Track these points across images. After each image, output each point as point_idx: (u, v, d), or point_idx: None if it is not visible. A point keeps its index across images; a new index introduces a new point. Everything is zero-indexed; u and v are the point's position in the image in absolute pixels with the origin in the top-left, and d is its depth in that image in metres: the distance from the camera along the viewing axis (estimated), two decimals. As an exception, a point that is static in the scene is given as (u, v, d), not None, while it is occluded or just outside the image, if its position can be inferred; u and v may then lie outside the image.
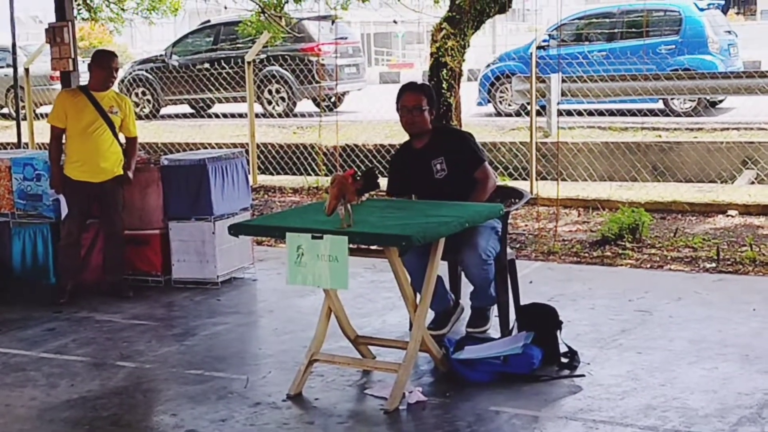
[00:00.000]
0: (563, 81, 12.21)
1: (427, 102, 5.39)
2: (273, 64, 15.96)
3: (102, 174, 6.56)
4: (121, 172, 6.63)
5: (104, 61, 6.62)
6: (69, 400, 4.72)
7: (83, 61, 10.36)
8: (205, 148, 11.62)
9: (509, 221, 5.83)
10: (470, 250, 5.09)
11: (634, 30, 14.71)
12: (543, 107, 12.00)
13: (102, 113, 6.52)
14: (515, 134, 12.05)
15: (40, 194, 6.99)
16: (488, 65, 15.86)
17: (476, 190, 5.31)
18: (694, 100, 13.50)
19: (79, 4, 11.36)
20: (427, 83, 5.95)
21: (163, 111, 17.44)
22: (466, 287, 5.51)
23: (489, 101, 15.19)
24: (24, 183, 7.03)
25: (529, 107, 10.44)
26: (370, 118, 13.92)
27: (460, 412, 4.38)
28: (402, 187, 5.56)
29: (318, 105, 15.42)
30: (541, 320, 5.02)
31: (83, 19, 12.07)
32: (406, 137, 5.67)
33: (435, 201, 5.26)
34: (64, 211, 6.74)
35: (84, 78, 10.13)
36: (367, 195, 4.58)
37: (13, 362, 5.35)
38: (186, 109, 17.42)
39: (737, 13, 39.45)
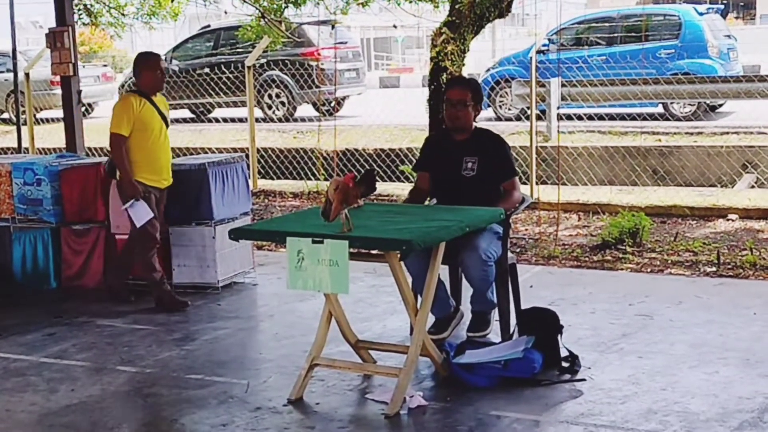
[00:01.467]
0: (563, 85, 12.22)
1: (471, 98, 5.42)
2: (273, 69, 15.97)
3: (168, 180, 6.54)
4: None
5: (153, 63, 6.48)
6: (69, 405, 4.72)
7: (83, 66, 10.38)
8: (206, 152, 11.63)
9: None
10: (471, 252, 5.09)
11: (633, 34, 14.72)
12: (543, 111, 12.01)
13: (163, 118, 6.47)
14: (515, 138, 12.05)
15: (41, 199, 6.99)
16: (488, 70, 15.87)
17: (503, 200, 5.32)
18: (694, 104, 13.51)
19: (79, 9, 11.38)
20: (475, 79, 5.96)
21: (163, 116, 17.42)
22: (467, 292, 5.51)
23: (489, 105, 15.18)
24: (24, 188, 7.04)
25: (529, 111, 10.45)
26: (370, 122, 13.93)
27: (461, 416, 4.37)
28: (430, 167, 5.58)
29: (318, 109, 15.44)
30: (542, 324, 5.02)
31: (83, 24, 12.08)
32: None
33: (436, 206, 5.27)
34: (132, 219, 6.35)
35: (84, 83, 10.15)
36: (363, 199, 4.57)
37: (13, 367, 5.35)
38: (186, 113, 17.42)
39: (736, 18, 39.51)
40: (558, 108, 12.00)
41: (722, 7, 17.85)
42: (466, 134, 5.47)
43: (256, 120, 12.17)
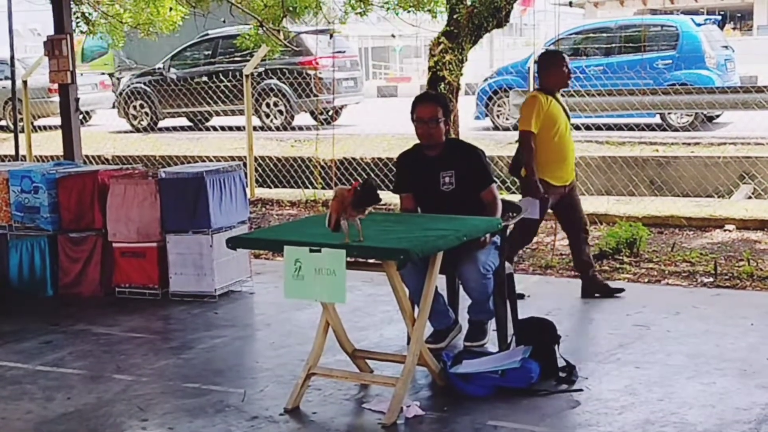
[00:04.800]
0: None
1: (442, 113, 5.36)
2: (271, 78, 15.98)
3: (571, 176, 6.50)
4: None
5: (560, 61, 6.48)
6: (65, 413, 4.71)
7: (80, 74, 10.37)
8: (203, 161, 11.64)
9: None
10: (470, 264, 5.08)
11: (631, 45, 14.76)
12: (540, 121, 12.00)
13: (566, 114, 6.46)
14: (513, 148, 11.99)
15: (38, 207, 6.99)
16: (486, 79, 15.90)
17: (489, 210, 5.29)
18: (691, 115, 13.53)
19: (77, 17, 11.40)
20: (442, 93, 5.89)
21: (161, 124, 17.45)
22: (464, 302, 5.50)
23: (486, 115, 15.22)
24: (21, 195, 7.04)
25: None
26: (368, 131, 13.95)
27: (458, 426, 4.36)
28: (410, 187, 5.54)
29: (316, 118, 15.45)
30: (539, 334, 5.02)
31: (81, 32, 12.09)
32: (403, 150, 5.67)
33: (433, 215, 5.27)
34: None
35: (82, 91, 10.13)
36: (369, 209, 4.53)
37: (9, 375, 5.33)
38: (184, 122, 17.43)
39: (734, 29, 39.59)
40: (555, 118, 11.99)
41: (719, 18, 17.90)
42: (439, 149, 5.41)
43: (254, 128, 12.18)
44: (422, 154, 5.48)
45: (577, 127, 12.25)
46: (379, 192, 4.47)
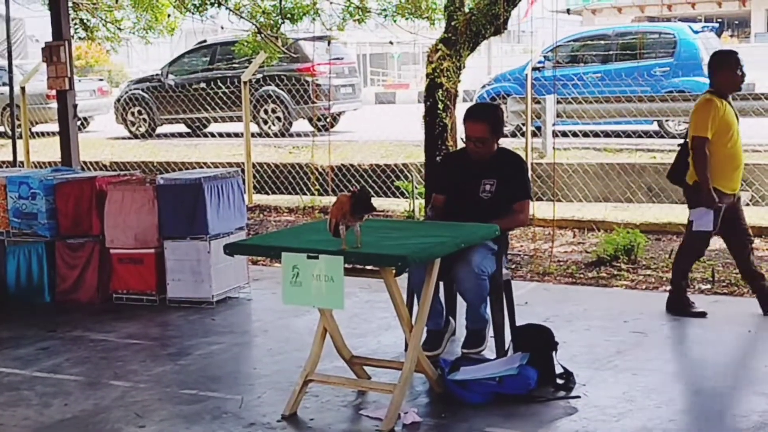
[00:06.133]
0: (558, 102, 12.25)
1: (490, 131, 5.35)
2: (269, 84, 15.99)
3: (739, 185, 6.22)
4: None
5: (734, 62, 6.16)
6: (62, 419, 4.70)
7: (79, 80, 10.35)
8: (201, 167, 11.64)
9: (505, 242, 5.83)
10: (464, 265, 5.08)
11: (628, 52, 14.78)
12: (538, 128, 12.04)
13: (737, 118, 6.20)
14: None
15: (35, 213, 6.99)
16: (483, 86, 15.92)
17: (507, 217, 5.31)
18: (689, 122, 13.53)
19: (75, 24, 11.41)
20: (494, 106, 5.77)
21: (159, 130, 17.45)
22: (462, 308, 5.50)
23: (484, 122, 15.19)
24: (19, 201, 7.03)
25: (524, 128, 10.47)
26: (366, 138, 13.95)
27: (455, 433, 4.36)
28: (448, 190, 5.55)
29: (313, 125, 15.46)
30: (537, 341, 5.02)
31: (80, 38, 12.11)
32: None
33: (432, 222, 5.27)
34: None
35: (80, 97, 10.13)
36: (367, 216, 4.53)
37: (6, 381, 5.32)
38: (182, 128, 17.43)
39: (731, 36, 39.67)
40: (553, 125, 12.02)
41: (717, 25, 17.94)
42: (487, 156, 5.45)
43: (252, 135, 12.18)
44: (469, 157, 5.51)
45: (574, 134, 12.32)
46: (373, 201, 4.46)
